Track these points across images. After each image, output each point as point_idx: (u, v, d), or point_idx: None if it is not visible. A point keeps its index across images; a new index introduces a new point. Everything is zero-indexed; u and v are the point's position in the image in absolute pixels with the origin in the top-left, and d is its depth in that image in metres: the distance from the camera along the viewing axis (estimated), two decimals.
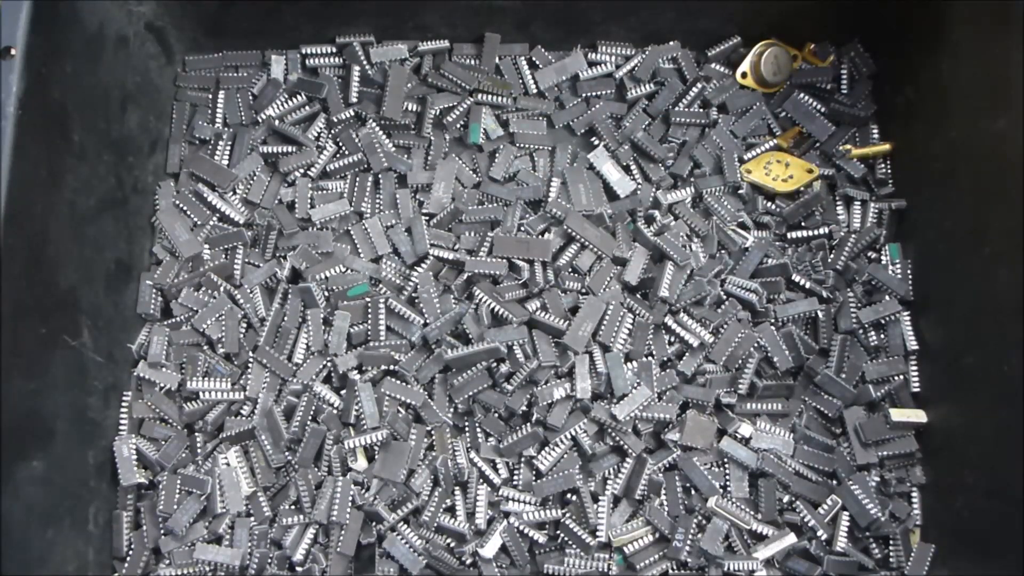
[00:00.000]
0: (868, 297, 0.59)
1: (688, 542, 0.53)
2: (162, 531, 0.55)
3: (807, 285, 0.58)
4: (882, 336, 0.58)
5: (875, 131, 0.62)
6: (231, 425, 0.56)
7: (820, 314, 0.57)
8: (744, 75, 0.63)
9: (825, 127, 0.62)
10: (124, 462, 0.55)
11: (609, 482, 0.55)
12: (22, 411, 0.48)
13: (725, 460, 0.55)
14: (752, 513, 0.54)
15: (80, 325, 0.53)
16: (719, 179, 0.61)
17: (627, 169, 0.62)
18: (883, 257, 0.60)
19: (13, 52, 0.46)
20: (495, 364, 0.55)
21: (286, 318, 0.57)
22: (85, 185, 0.53)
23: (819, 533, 0.54)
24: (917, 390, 0.57)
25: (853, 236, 0.59)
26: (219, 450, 0.56)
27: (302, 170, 0.61)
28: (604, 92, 0.63)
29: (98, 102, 0.55)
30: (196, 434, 0.56)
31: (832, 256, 0.59)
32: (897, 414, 0.56)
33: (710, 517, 0.54)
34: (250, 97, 0.63)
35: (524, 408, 0.55)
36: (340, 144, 0.62)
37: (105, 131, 0.56)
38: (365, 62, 0.63)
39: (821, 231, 0.60)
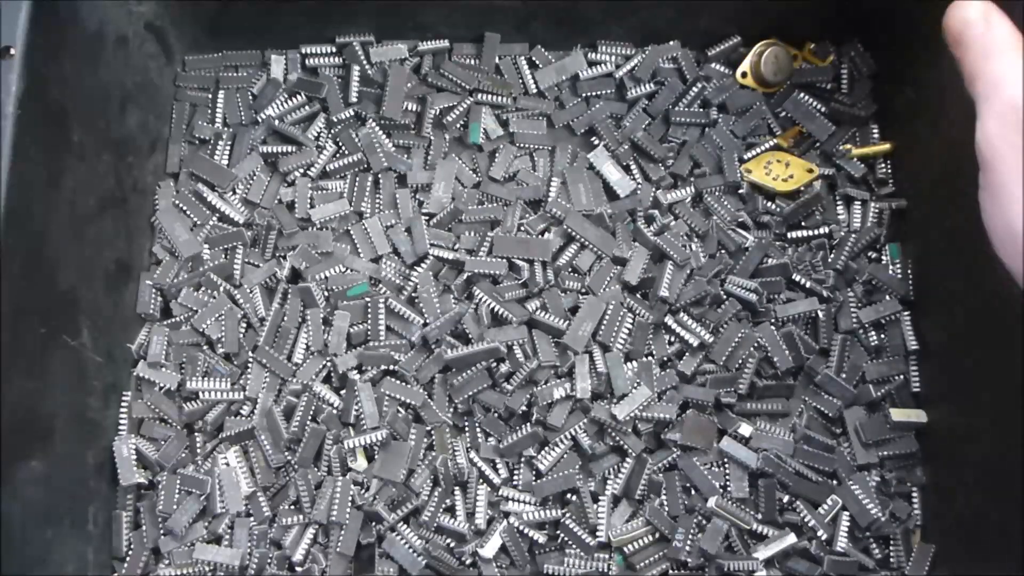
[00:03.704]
0: (868, 297, 0.59)
1: (688, 542, 0.53)
2: (162, 531, 0.55)
3: (807, 285, 0.58)
4: (882, 336, 0.58)
5: (875, 131, 0.62)
6: (231, 425, 0.56)
7: (820, 314, 0.57)
8: (744, 75, 0.63)
9: (825, 127, 0.62)
10: (124, 462, 0.55)
11: (609, 482, 0.55)
12: (21, 411, 0.47)
13: (725, 460, 0.55)
14: (752, 513, 0.54)
15: (79, 325, 0.53)
16: (719, 179, 0.61)
17: (627, 169, 0.62)
18: (883, 257, 0.60)
19: (12, 52, 0.46)
20: (495, 364, 0.55)
21: (286, 318, 0.57)
22: (85, 185, 0.53)
23: (819, 533, 0.54)
24: (917, 390, 0.57)
25: (853, 236, 0.59)
26: (219, 450, 0.56)
27: (302, 170, 0.61)
28: (604, 92, 0.63)
29: (97, 102, 0.55)
30: (196, 434, 0.56)
31: (832, 256, 0.59)
32: (897, 414, 0.56)
33: (710, 517, 0.54)
34: (250, 97, 0.63)
35: (524, 408, 0.55)
36: (340, 144, 0.62)
37: (104, 131, 0.55)
38: (365, 62, 0.62)
39: (821, 231, 0.60)
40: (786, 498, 0.55)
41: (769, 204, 0.61)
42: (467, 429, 0.56)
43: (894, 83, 0.61)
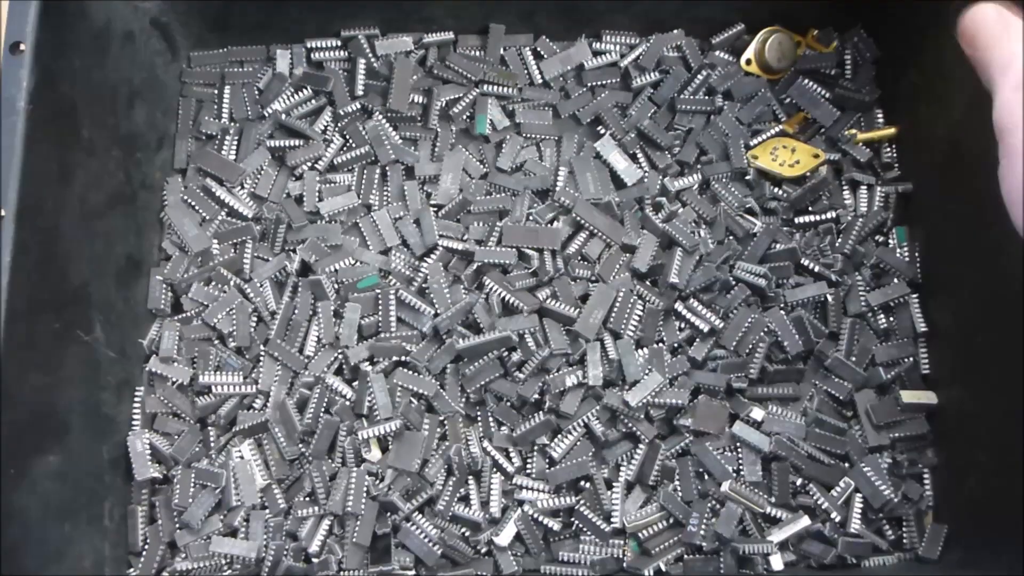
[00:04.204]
0: (876, 280, 0.59)
1: (702, 526, 0.53)
2: (177, 525, 0.55)
3: (816, 269, 0.58)
4: (891, 319, 0.58)
5: (880, 115, 0.62)
6: (244, 418, 0.56)
7: (829, 298, 0.58)
8: (748, 62, 0.63)
9: (830, 112, 0.62)
10: (138, 457, 0.55)
11: (622, 468, 0.55)
12: (37, 406, 0.48)
13: (737, 444, 0.56)
14: (766, 497, 0.54)
15: (92, 320, 0.53)
16: (726, 165, 0.61)
17: (634, 157, 0.62)
18: (890, 240, 0.60)
19: (23, 47, 0.46)
20: (506, 353, 0.56)
21: (296, 311, 0.57)
22: (95, 180, 0.53)
23: (833, 515, 0.54)
24: (927, 372, 0.57)
25: (860, 220, 0.59)
26: (233, 443, 0.56)
27: (309, 163, 0.61)
28: (609, 81, 0.63)
29: (106, 98, 0.55)
30: (209, 428, 0.57)
31: (840, 240, 0.59)
32: (908, 396, 0.56)
33: (724, 501, 0.54)
34: (256, 92, 0.63)
35: (536, 396, 0.55)
36: (347, 137, 0.62)
37: (113, 127, 0.56)
38: (370, 55, 0.63)
39: (828, 215, 0.60)
40: (799, 481, 0.55)
41: (776, 190, 0.61)
42: (480, 418, 0.56)
43: (898, 67, 0.61)
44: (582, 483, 0.55)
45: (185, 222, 0.60)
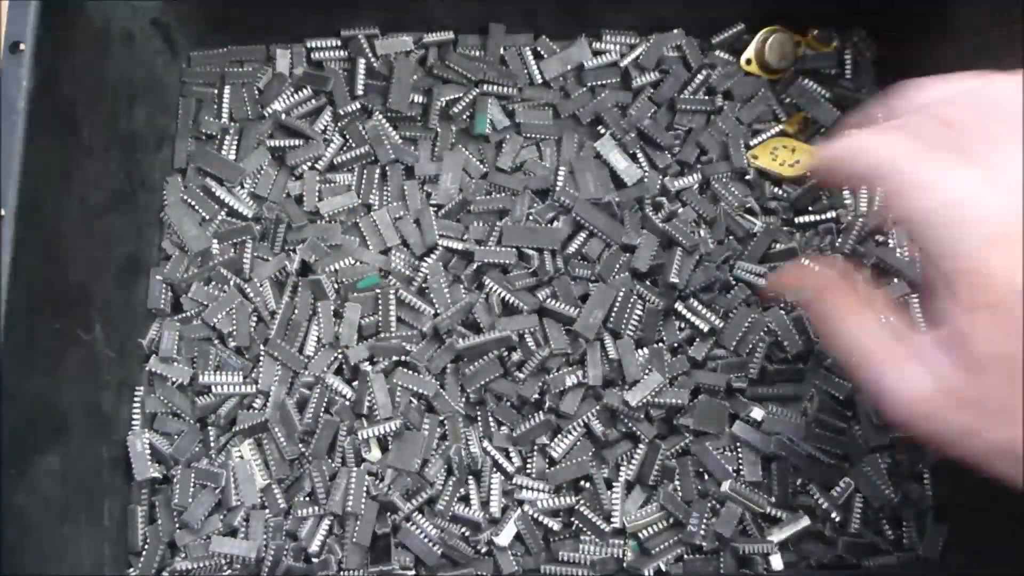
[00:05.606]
0: (877, 280, 0.59)
1: (703, 526, 0.53)
2: (177, 525, 0.55)
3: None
4: (891, 319, 0.58)
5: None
6: (244, 418, 0.56)
7: None
8: (749, 61, 0.63)
9: (830, 112, 0.62)
10: (138, 456, 0.55)
11: (622, 468, 0.55)
12: (37, 406, 0.48)
13: (738, 444, 0.56)
14: (766, 497, 0.54)
15: (92, 320, 0.53)
16: (726, 165, 0.61)
17: (634, 157, 0.62)
18: (890, 240, 0.60)
19: (22, 47, 0.46)
20: (506, 353, 0.56)
21: (296, 311, 0.57)
22: (95, 180, 0.53)
23: (833, 515, 0.54)
24: None
25: (860, 220, 0.59)
26: (233, 443, 0.56)
27: (309, 163, 0.61)
28: (609, 81, 0.63)
29: (106, 98, 0.55)
30: (209, 428, 0.57)
31: (840, 240, 0.59)
32: None
33: (724, 501, 0.54)
34: (256, 92, 0.63)
35: (536, 396, 0.55)
36: (347, 137, 0.62)
37: (113, 126, 0.56)
38: (370, 55, 0.63)
39: (828, 215, 0.60)
40: (799, 481, 0.55)
41: (776, 190, 0.61)
42: (480, 418, 0.56)
43: (898, 67, 0.61)
44: (582, 483, 0.55)
45: (185, 222, 0.60)
